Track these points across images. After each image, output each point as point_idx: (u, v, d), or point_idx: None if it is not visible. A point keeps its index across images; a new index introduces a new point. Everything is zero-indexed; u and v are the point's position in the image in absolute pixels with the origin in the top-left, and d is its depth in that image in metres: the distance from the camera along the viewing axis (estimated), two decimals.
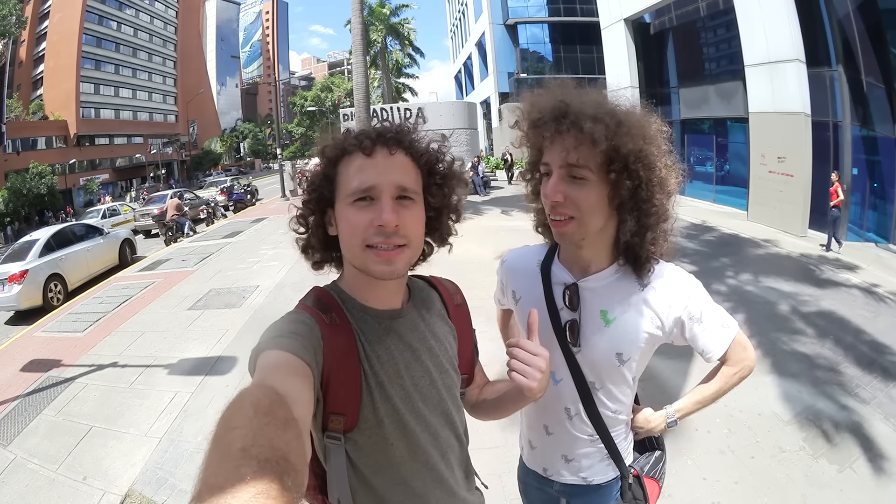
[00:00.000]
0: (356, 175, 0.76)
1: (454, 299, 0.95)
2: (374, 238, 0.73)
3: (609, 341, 0.97)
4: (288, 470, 0.41)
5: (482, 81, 31.36)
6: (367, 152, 0.77)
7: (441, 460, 0.83)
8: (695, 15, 12.40)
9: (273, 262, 7.59)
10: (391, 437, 0.77)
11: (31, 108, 40.20)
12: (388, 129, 0.80)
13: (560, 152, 0.87)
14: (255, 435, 0.43)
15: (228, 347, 4.47)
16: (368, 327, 0.79)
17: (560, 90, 0.93)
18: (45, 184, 29.57)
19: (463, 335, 0.94)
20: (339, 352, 0.74)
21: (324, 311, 0.78)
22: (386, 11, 24.58)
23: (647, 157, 0.86)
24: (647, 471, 1.10)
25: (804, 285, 5.24)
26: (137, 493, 2.65)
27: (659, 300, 0.96)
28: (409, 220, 0.76)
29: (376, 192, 0.74)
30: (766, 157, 9.25)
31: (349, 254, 0.79)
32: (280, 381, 0.58)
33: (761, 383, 3.24)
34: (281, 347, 0.67)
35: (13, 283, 7.06)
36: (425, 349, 0.83)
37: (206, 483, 0.39)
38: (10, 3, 29.41)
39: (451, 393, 0.87)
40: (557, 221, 0.91)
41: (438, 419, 0.83)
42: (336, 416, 0.75)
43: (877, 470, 2.43)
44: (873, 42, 7.81)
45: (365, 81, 10.72)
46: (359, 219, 0.74)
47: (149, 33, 51.38)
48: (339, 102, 36.49)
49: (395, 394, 0.77)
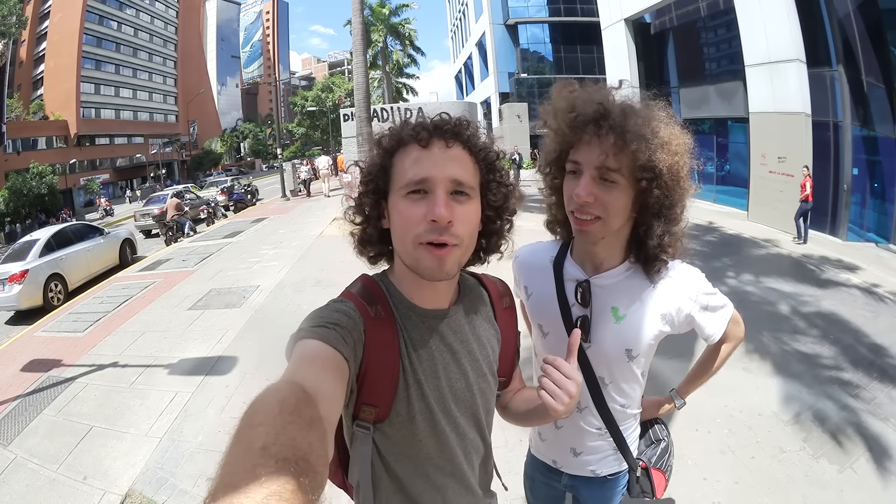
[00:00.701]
0: (411, 167, 0.74)
1: (503, 301, 0.94)
2: (426, 235, 0.71)
3: (619, 337, 1.00)
4: (307, 470, 0.41)
5: (482, 81, 31.38)
6: (423, 143, 0.75)
7: (465, 460, 0.84)
8: (695, 15, 12.39)
9: (273, 261, 7.60)
10: (421, 434, 0.77)
11: (31, 108, 40.23)
12: (446, 120, 0.78)
13: (598, 154, 0.88)
14: (277, 433, 0.43)
15: (229, 347, 4.47)
16: (412, 325, 0.78)
17: (599, 92, 0.93)
18: (45, 184, 29.57)
19: (507, 338, 0.93)
20: (380, 346, 0.74)
21: (369, 303, 0.77)
22: (386, 11, 24.57)
23: (677, 170, 0.90)
24: (654, 462, 1.13)
25: (804, 285, 5.24)
26: (138, 493, 2.65)
27: (669, 297, 0.99)
28: (462, 217, 0.73)
29: (430, 185, 0.72)
30: (767, 157, 9.25)
31: (400, 248, 0.76)
32: (311, 377, 0.57)
33: (762, 383, 3.24)
34: (320, 337, 0.66)
35: (13, 282, 7.07)
36: (466, 352, 0.82)
37: (221, 481, 0.39)
38: (11, 3, 29.40)
39: (485, 397, 0.86)
40: (582, 220, 0.92)
41: (468, 421, 0.83)
42: (368, 407, 0.74)
43: (877, 470, 2.43)
44: (873, 42, 7.80)
45: (365, 81, 10.71)
46: (411, 212, 0.72)
47: (149, 33, 51.40)
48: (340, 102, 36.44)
49: (430, 393, 0.77)
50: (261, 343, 4.41)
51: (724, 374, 3.65)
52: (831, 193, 8.64)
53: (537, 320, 1.12)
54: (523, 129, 21.18)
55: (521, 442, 2.00)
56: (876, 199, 8.46)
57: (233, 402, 3.48)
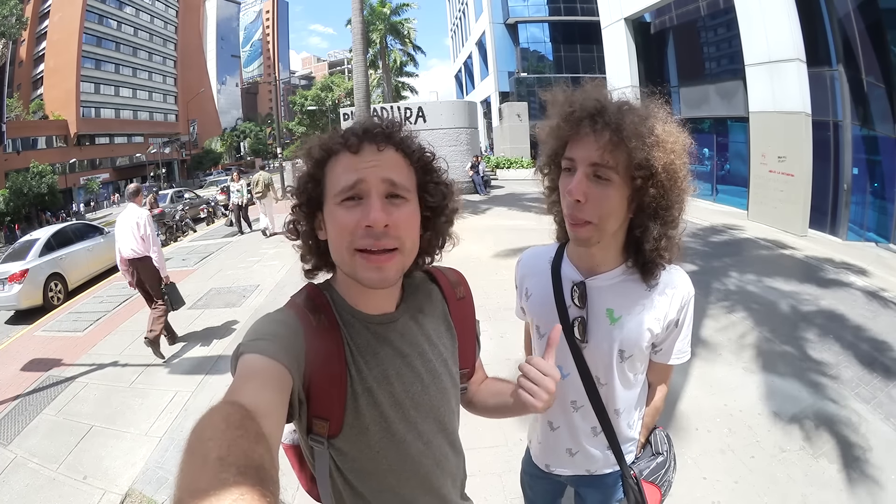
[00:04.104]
0: (343, 174, 0.71)
1: (456, 292, 0.91)
2: (362, 240, 0.68)
3: (613, 339, 1.01)
4: (265, 478, 0.41)
5: (482, 80, 31.37)
6: (353, 150, 0.72)
7: (436, 468, 0.81)
8: (695, 14, 12.38)
9: (273, 261, 7.59)
10: (377, 445, 0.74)
11: (31, 107, 40.25)
12: (375, 124, 0.76)
13: (594, 150, 0.87)
14: (229, 446, 0.43)
15: (229, 347, 4.47)
16: (356, 332, 0.76)
17: (596, 90, 0.94)
18: (45, 183, 29.57)
19: (464, 330, 0.90)
20: (323, 356, 0.71)
21: (313, 312, 0.75)
22: (387, 10, 24.59)
23: (674, 169, 0.89)
24: (647, 475, 1.10)
25: (804, 285, 5.23)
26: (138, 493, 2.65)
27: (663, 302, 1.00)
28: (400, 220, 0.70)
29: (363, 190, 0.70)
30: (767, 156, 9.24)
31: (338, 258, 0.74)
32: (251, 395, 0.56)
33: (762, 383, 3.25)
34: (260, 351, 0.64)
35: (13, 282, 7.06)
36: (417, 354, 0.80)
37: (187, 489, 0.39)
38: (11, 3, 29.39)
39: (445, 398, 0.83)
40: (575, 225, 0.92)
41: (431, 426, 0.80)
42: (320, 421, 0.72)
43: (877, 470, 2.42)
44: (874, 42, 7.80)
45: (365, 80, 10.71)
46: (346, 219, 0.69)
47: (149, 32, 51.42)
48: (340, 101, 36.44)
49: (384, 400, 0.75)
50: None
51: (724, 373, 3.64)
52: (831, 193, 8.63)
53: (535, 321, 1.13)
54: (523, 129, 21.17)
55: (521, 441, 2.00)
56: (876, 199, 8.46)
57: None
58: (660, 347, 1.05)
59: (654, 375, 1.12)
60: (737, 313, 4.32)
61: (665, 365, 1.08)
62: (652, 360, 1.08)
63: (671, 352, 1.06)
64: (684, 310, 1.02)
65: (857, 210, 8.64)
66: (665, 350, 1.06)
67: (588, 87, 0.95)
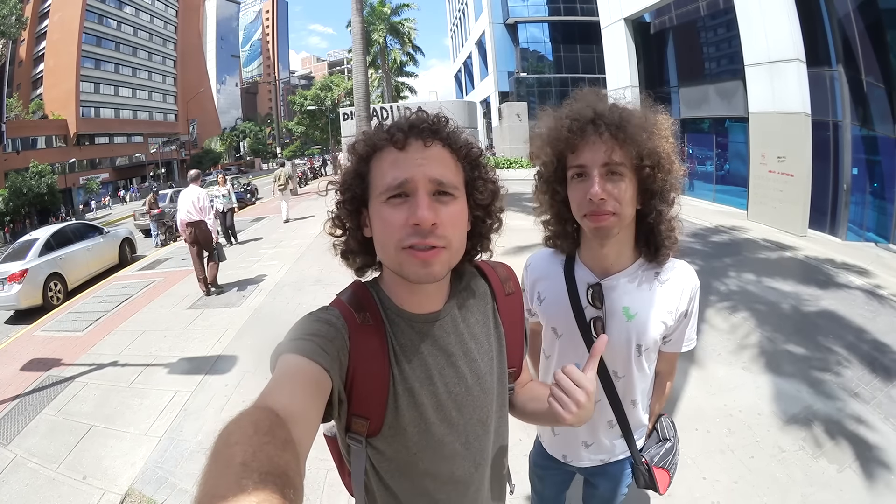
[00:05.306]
0: (389, 170, 0.70)
1: (506, 286, 0.88)
2: (409, 238, 0.67)
3: (630, 335, 1.06)
4: (288, 484, 0.41)
5: (482, 80, 31.36)
6: (399, 146, 0.71)
7: (475, 472, 0.79)
8: (695, 14, 12.38)
9: (273, 261, 7.59)
10: (415, 447, 0.73)
11: (31, 107, 40.23)
12: (422, 119, 0.74)
13: (603, 152, 0.93)
14: (255, 451, 0.43)
15: (228, 347, 4.46)
16: (401, 331, 0.75)
17: (584, 98, 1.00)
18: (45, 183, 29.56)
19: (513, 327, 0.87)
20: (367, 354, 0.71)
21: (358, 310, 0.74)
22: (387, 11, 24.58)
23: (671, 153, 0.97)
24: (658, 461, 1.17)
25: (804, 285, 5.23)
26: (137, 493, 2.65)
27: (674, 294, 1.06)
28: (447, 218, 0.69)
29: (411, 188, 0.68)
30: (766, 156, 9.24)
31: (384, 256, 0.73)
32: (285, 399, 0.56)
33: (761, 383, 3.25)
34: (299, 351, 0.64)
35: (13, 282, 7.06)
36: (462, 353, 0.78)
37: (207, 493, 0.39)
38: (11, 2, 29.36)
39: (489, 399, 0.81)
40: (598, 216, 0.96)
41: (475, 428, 0.78)
42: (359, 419, 0.72)
43: (877, 470, 2.43)
44: (873, 42, 7.80)
45: (365, 80, 10.71)
46: (393, 217, 0.68)
47: (149, 32, 51.40)
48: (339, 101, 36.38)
49: (425, 401, 0.73)
50: (260, 342, 4.41)
51: (724, 373, 3.64)
52: (831, 193, 8.64)
53: (551, 323, 1.16)
54: (523, 129, 21.14)
55: (521, 441, 2.00)
56: (875, 199, 8.46)
57: (232, 401, 3.47)
58: (670, 338, 1.11)
59: (663, 364, 1.18)
60: (736, 313, 4.31)
61: (674, 353, 1.16)
62: (661, 350, 1.13)
63: (682, 340, 1.12)
64: (692, 301, 1.08)
65: (857, 210, 8.64)
66: (675, 340, 1.12)
67: (577, 97, 1.02)
